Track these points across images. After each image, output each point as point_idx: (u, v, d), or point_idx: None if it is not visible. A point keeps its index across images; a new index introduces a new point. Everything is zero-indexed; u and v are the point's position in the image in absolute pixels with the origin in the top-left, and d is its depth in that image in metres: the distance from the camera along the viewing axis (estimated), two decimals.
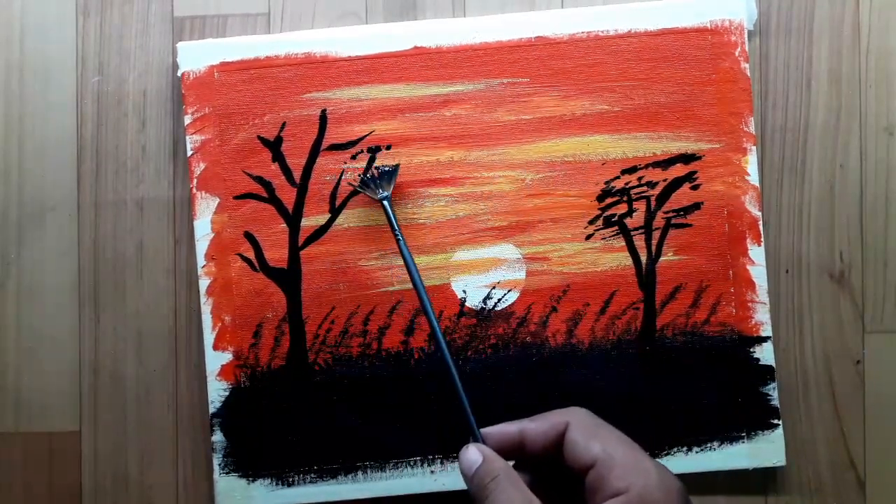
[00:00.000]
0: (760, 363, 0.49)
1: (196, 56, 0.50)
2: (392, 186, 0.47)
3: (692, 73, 0.49)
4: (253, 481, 0.49)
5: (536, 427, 0.38)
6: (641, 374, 0.49)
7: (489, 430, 0.39)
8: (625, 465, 0.35)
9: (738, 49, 0.49)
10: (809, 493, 0.50)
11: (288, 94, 0.49)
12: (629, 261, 0.49)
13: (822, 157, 0.50)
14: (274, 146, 0.49)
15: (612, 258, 0.49)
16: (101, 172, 0.51)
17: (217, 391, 0.49)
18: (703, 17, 0.49)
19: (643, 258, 0.49)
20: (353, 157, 0.50)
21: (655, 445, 0.49)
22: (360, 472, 0.49)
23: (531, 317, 0.49)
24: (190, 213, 0.50)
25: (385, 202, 0.47)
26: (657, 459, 0.48)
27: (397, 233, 0.46)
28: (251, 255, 0.49)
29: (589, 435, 0.37)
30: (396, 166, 0.48)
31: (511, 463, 0.39)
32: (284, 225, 0.49)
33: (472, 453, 0.38)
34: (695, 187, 0.49)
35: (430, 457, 0.49)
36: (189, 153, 0.49)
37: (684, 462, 0.49)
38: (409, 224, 0.49)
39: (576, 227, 0.49)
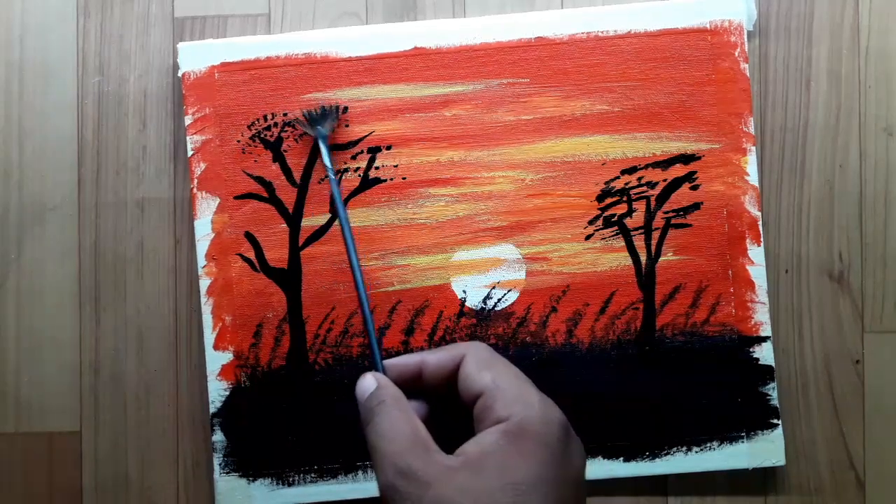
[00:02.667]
0: (760, 363, 0.49)
1: (196, 56, 0.50)
2: (331, 126, 0.48)
3: (692, 74, 0.49)
4: (253, 481, 0.49)
5: (435, 357, 0.39)
6: (641, 374, 0.49)
7: (391, 361, 0.40)
8: (510, 396, 0.36)
9: (738, 49, 0.49)
10: (809, 493, 0.50)
11: (288, 94, 0.49)
12: (629, 261, 0.49)
13: (821, 157, 0.51)
14: (274, 146, 0.49)
15: (611, 258, 0.49)
16: (102, 173, 0.51)
17: (217, 391, 0.49)
18: (703, 17, 0.49)
19: (643, 258, 0.49)
20: (353, 157, 0.50)
21: (655, 445, 0.49)
22: (360, 472, 0.49)
23: (531, 317, 0.49)
24: (190, 213, 0.50)
25: (321, 140, 0.47)
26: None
27: (330, 171, 0.47)
28: (251, 255, 0.49)
29: (482, 366, 0.37)
30: (337, 107, 0.49)
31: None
32: (285, 225, 0.50)
33: (368, 380, 0.39)
34: (694, 187, 0.49)
35: None
36: (189, 153, 0.50)
37: (684, 462, 0.49)
38: (409, 224, 0.49)
39: (576, 227, 0.49)
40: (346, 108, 0.49)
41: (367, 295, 0.44)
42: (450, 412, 0.39)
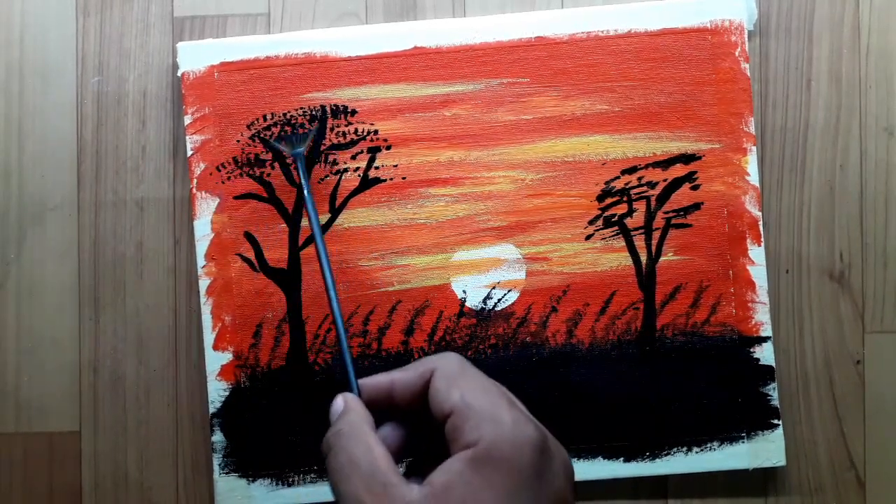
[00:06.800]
0: (760, 363, 0.49)
1: (196, 56, 0.50)
2: (307, 145, 0.47)
3: (692, 73, 0.49)
4: (253, 481, 0.49)
5: (404, 376, 0.36)
6: (641, 374, 0.49)
7: (364, 381, 0.38)
8: (480, 415, 0.33)
9: (738, 49, 0.49)
10: (809, 493, 0.50)
11: (288, 94, 0.49)
12: (629, 261, 0.49)
13: (822, 157, 0.50)
14: (274, 146, 0.49)
15: (612, 258, 0.49)
16: (101, 172, 0.51)
17: (217, 391, 0.49)
18: (703, 17, 0.49)
19: (643, 258, 0.49)
20: (353, 157, 0.50)
21: (655, 445, 0.49)
22: None
23: (531, 317, 0.49)
24: (190, 213, 0.50)
25: (298, 160, 0.47)
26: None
27: (306, 188, 0.45)
28: (251, 255, 0.49)
29: (451, 382, 0.35)
30: (314, 129, 0.48)
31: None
32: (284, 225, 0.50)
33: (337, 403, 0.37)
34: (695, 187, 0.49)
35: None
36: (189, 153, 0.50)
37: (684, 462, 0.49)
38: (409, 224, 0.49)
39: (576, 227, 0.49)
40: (324, 121, 0.48)
41: (341, 310, 0.42)
42: (429, 432, 0.36)
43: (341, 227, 0.49)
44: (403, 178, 0.49)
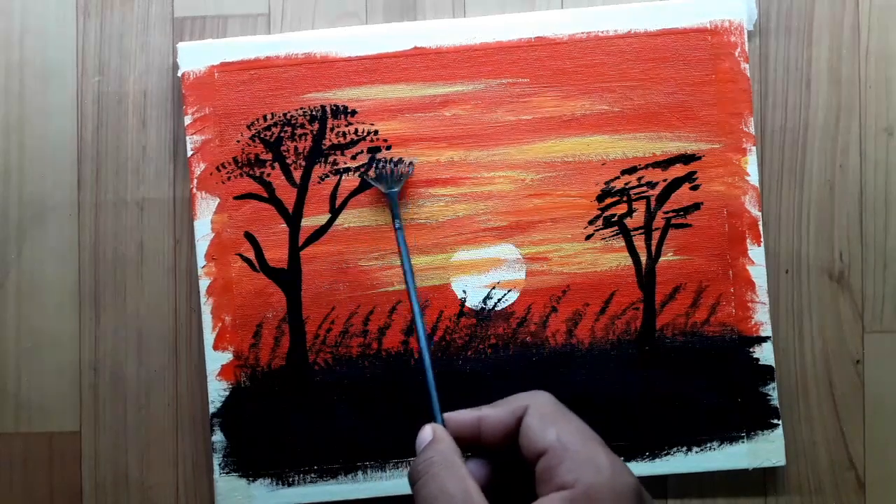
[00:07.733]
0: (760, 363, 0.49)
1: (196, 56, 0.50)
2: (401, 185, 0.48)
3: (692, 74, 0.49)
4: (253, 481, 0.49)
5: (495, 413, 0.36)
6: (641, 375, 0.49)
7: (450, 415, 0.37)
8: (576, 458, 0.33)
9: (738, 49, 0.49)
10: (809, 493, 0.50)
11: (288, 94, 0.49)
12: (629, 261, 0.49)
13: (821, 157, 0.50)
14: (274, 146, 0.49)
15: (611, 258, 0.49)
16: (102, 173, 0.51)
17: (217, 391, 0.49)
18: (703, 17, 0.49)
19: (643, 258, 0.49)
20: (353, 157, 0.50)
21: (655, 445, 0.49)
22: (360, 472, 0.49)
23: (531, 317, 0.49)
24: (190, 213, 0.50)
25: (392, 199, 0.48)
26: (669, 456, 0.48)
27: (398, 227, 0.47)
28: (251, 255, 0.49)
29: (546, 421, 0.34)
30: (410, 171, 0.49)
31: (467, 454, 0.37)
32: (284, 225, 0.50)
33: (425, 432, 0.36)
34: (694, 187, 0.49)
35: None
36: (189, 153, 0.50)
37: (684, 462, 0.49)
38: (409, 224, 0.49)
39: (576, 228, 0.49)
40: (411, 162, 0.49)
41: (430, 348, 0.42)
42: (516, 469, 0.36)
43: (341, 227, 0.49)
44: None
